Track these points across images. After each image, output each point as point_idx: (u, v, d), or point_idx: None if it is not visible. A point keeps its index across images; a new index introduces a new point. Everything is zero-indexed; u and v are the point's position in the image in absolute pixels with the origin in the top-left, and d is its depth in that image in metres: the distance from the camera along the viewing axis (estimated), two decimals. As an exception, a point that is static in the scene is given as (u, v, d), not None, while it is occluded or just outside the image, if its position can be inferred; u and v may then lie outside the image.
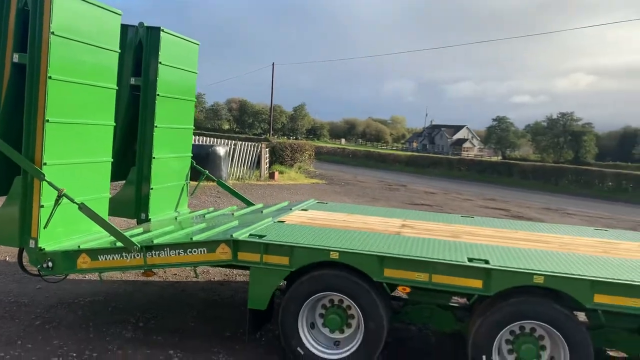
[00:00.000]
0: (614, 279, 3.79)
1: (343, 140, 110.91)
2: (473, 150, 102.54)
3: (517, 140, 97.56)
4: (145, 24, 6.10)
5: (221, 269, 6.96)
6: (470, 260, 4.07)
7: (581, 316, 4.43)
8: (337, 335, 4.46)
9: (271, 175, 21.04)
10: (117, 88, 5.34)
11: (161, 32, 6.04)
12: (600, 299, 3.79)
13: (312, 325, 4.50)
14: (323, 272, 4.32)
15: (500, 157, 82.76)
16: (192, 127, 7.01)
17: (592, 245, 5.06)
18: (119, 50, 5.30)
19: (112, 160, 5.37)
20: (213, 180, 7.49)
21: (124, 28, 5.79)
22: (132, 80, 6.14)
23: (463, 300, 5.09)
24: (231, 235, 4.39)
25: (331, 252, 4.20)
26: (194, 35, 6.67)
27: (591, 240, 5.35)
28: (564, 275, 3.85)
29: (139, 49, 6.11)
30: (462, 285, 4.02)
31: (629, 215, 17.37)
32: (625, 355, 4.48)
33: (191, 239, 4.59)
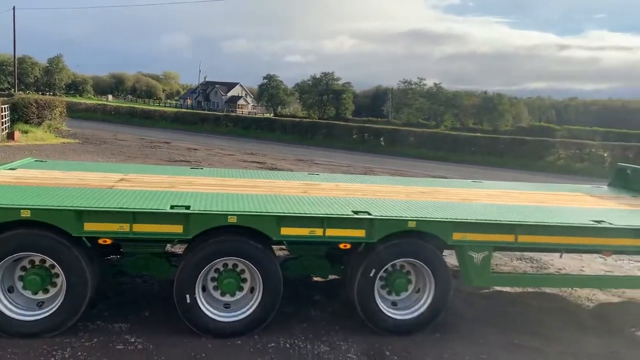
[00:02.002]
0: (295, 213, 4.35)
1: (110, 97, 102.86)
2: (247, 108, 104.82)
3: (287, 97, 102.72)
4: None
5: None
6: (172, 207, 4.24)
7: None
8: (40, 297, 4.27)
9: (10, 136, 18.55)
10: None
11: None
12: (285, 231, 4.31)
13: (11, 289, 4.24)
14: (16, 232, 4.05)
15: (272, 114, 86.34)
16: None
17: (296, 187, 5.70)
18: None
19: None
20: None
21: None
22: None
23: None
24: None
25: (22, 211, 3.95)
26: None
27: (296, 183, 6.03)
28: (253, 213, 4.27)
29: None
30: (164, 231, 4.17)
31: (364, 163, 19.95)
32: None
33: None
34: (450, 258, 5.45)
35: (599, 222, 4.91)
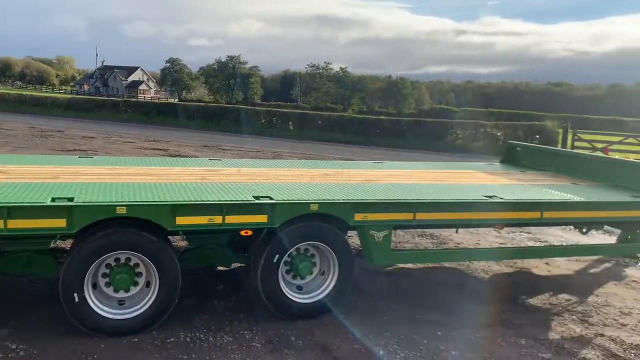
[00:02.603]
0: (191, 201, 4.15)
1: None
2: (150, 93, 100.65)
3: (191, 82, 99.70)
4: None
5: None
6: (53, 200, 3.88)
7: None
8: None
9: None
10: None
11: None
12: (181, 221, 4.09)
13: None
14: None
15: (176, 99, 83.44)
16: None
17: (195, 174, 5.46)
18: None
19: None
20: None
21: None
22: None
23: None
24: None
25: None
26: None
27: (195, 170, 5.78)
28: (144, 203, 4.00)
29: None
30: (44, 227, 3.80)
31: (273, 148, 19.81)
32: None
33: None
34: (355, 238, 5.49)
35: (490, 197, 5.14)
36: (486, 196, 5.17)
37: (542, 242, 7.96)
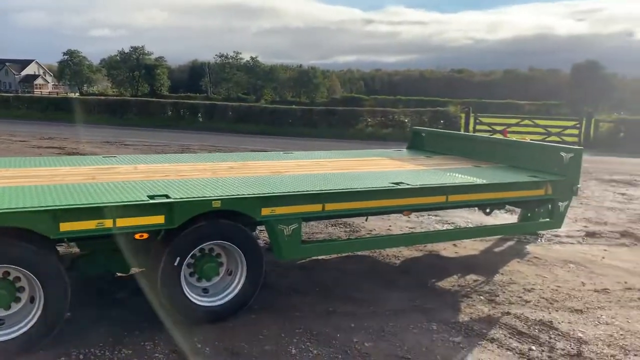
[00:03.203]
0: (77, 204, 3.74)
1: None
2: (47, 87, 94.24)
3: (93, 75, 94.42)
4: None
5: None
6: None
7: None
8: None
9: None
10: None
11: None
12: (65, 227, 3.67)
13: None
14: None
15: (77, 94, 78.60)
16: None
17: (83, 173, 4.98)
18: None
19: None
20: None
21: None
22: None
23: None
24: None
25: None
26: None
27: (84, 169, 5.29)
28: (19, 210, 3.54)
29: None
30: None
31: (181, 141, 19.07)
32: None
33: None
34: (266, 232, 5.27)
35: (397, 184, 5.12)
36: (393, 183, 5.14)
37: (449, 224, 8.17)
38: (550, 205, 6.14)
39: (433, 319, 4.70)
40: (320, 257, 6.22)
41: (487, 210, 6.83)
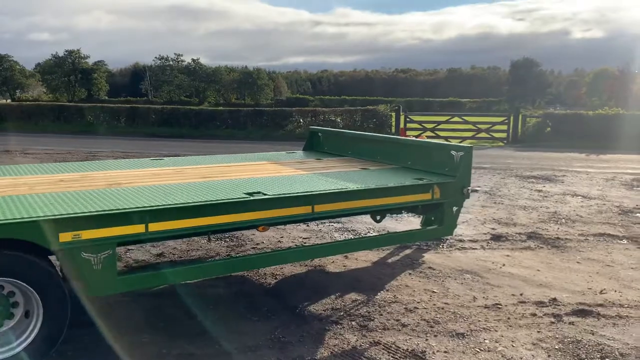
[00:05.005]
0: None
1: None
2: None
3: (25, 80, 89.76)
4: None
5: None
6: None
7: None
8: None
9: None
10: None
11: None
12: None
13: None
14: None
15: (9, 100, 74.39)
16: None
17: None
18: None
19: None
20: None
21: None
22: None
23: None
24: None
25: None
26: None
27: None
28: None
29: None
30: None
31: (91, 147, 17.70)
32: None
33: None
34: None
35: (251, 194, 4.30)
36: (247, 193, 4.32)
37: (351, 231, 7.45)
38: (439, 211, 5.48)
39: (286, 356, 3.91)
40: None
41: (378, 218, 6.12)
